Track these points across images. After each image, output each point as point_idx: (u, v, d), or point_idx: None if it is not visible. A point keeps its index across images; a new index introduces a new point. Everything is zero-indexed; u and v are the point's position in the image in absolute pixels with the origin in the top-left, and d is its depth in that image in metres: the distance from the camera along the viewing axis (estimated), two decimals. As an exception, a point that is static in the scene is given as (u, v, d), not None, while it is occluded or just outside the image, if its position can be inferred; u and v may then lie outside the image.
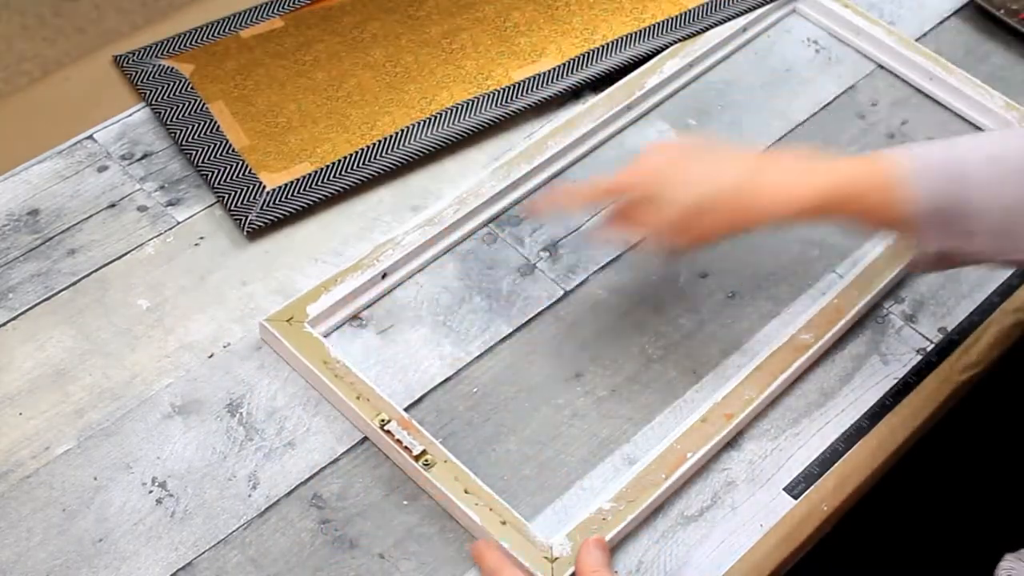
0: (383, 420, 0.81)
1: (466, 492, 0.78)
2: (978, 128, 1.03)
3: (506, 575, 0.74)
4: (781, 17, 1.11)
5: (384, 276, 0.90)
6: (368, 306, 0.89)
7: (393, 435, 0.80)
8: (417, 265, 0.91)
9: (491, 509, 0.78)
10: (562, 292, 0.91)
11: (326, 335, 0.87)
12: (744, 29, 1.08)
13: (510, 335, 0.89)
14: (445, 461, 0.79)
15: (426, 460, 0.79)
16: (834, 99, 1.05)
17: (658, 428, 0.84)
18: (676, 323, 0.90)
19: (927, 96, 1.05)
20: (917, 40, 1.09)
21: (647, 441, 0.83)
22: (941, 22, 1.12)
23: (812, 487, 0.82)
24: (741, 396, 0.84)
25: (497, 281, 0.92)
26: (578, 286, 0.92)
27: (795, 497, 0.82)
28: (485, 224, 0.94)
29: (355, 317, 0.88)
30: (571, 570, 0.76)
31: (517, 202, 0.96)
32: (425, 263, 0.92)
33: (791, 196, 0.79)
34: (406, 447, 0.80)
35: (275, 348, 0.86)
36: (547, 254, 0.93)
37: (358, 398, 0.82)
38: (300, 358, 0.83)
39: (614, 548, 0.79)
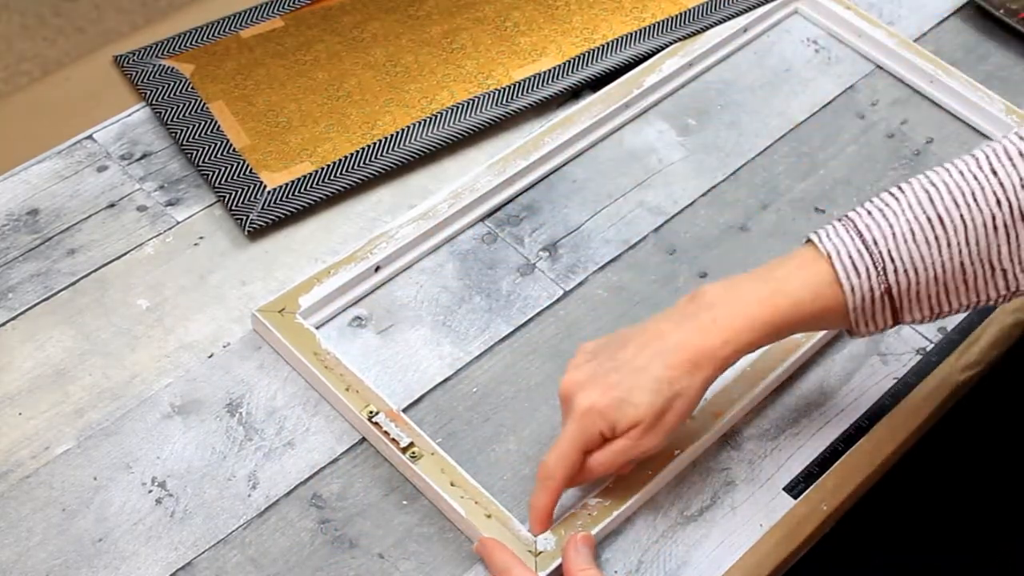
0: (371, 412, 0.81)
1: (452, 485, 0.78)
2: (976, 130, 1.03)
3: (517, 573, 0.74)
4: (782, 18, 1.11)
5: (377, 269, 0.90)
6: (361, 299, 0.89)
7: (381, 427, 0.80)
8: (411, 259, 0.91)
9: (476, 502, 0.78)
10: (562, 292, 0.91)
11: (318, 327, 0.87)
12: (744, 29, 1.08)
13: (510, 335, 0.89)
14: (432, 454, 0.79)
15: (413, 452, 0.79)
16: (834, 99, 1.05)
17: (658, 428, 0.84)
18: (676, 323, 0.90)
19: (926, 97, 1.05)
20: (917, 40, 1.09)
21: (647, 441, 0.83)
22: (941, 22, 1.12)
23: (812, 487, 0.82)
24: (730, 394, 0.84)
25: (497, 281, 0.92)
26: (578, 286, 0.92)
27: (795, 497, 0.82)
28: (480, 220, 0.94)
29: (355, 317, 0.88)
30: (555, 564, 0.76)
31: (512, 198, 0.96)
32: (419, 257, 0.91)
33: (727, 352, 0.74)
34: (393, 439, 0.80)
35: (267, 339, 0.86)
36: (547, 254, 0.93)
37: (347, 390, 0.82)
38: (291, 349, 0.84)
39: (601, 544, 0.79)
